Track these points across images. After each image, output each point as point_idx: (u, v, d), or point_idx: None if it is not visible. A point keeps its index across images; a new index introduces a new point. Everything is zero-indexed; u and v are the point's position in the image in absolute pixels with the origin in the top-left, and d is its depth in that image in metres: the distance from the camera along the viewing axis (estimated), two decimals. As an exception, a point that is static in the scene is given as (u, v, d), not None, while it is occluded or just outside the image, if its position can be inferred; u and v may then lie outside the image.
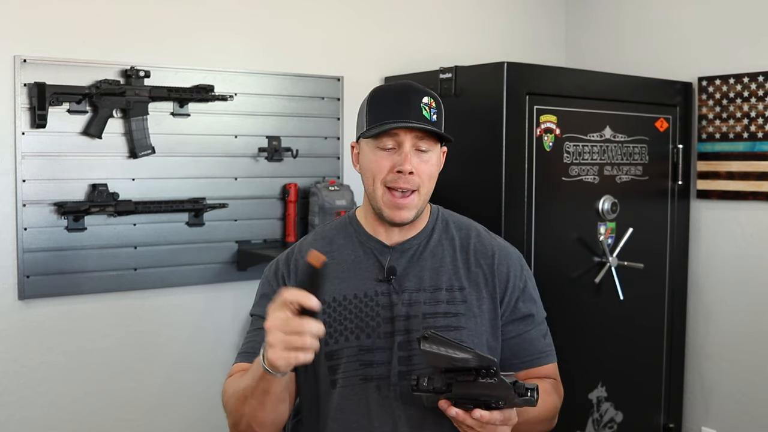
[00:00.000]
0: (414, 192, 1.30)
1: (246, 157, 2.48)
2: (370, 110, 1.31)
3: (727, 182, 2.69)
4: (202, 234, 2.42)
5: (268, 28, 2.54)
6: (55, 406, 2.24)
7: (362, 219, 1.39)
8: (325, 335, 1.26)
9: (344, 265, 1.35)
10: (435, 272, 1.34)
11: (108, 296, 2.30)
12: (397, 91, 1.33)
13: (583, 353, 2.48)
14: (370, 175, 1.31)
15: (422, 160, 1.30)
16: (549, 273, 2.35)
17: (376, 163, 1.30)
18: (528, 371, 1.37)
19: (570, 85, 2.44)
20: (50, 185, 2.18)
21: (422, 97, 1.30)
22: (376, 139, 1.29)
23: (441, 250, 1.37)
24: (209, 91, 2.37)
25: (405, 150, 1.28)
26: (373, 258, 1.35)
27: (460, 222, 1.43)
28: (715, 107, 2.72)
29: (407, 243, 1.36)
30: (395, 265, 1.33)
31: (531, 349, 1.37)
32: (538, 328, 1.39)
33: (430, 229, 1.39)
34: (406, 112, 1.28)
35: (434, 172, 1.33)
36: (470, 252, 1.38)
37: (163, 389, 2.42)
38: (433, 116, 1.30)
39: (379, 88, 1.36)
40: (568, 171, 2.43)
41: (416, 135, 1.29)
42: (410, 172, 1.28)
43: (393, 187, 1.29)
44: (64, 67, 2.17)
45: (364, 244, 1.37)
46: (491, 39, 3.03)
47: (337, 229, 1.42)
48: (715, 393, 2.79)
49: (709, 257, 2.79)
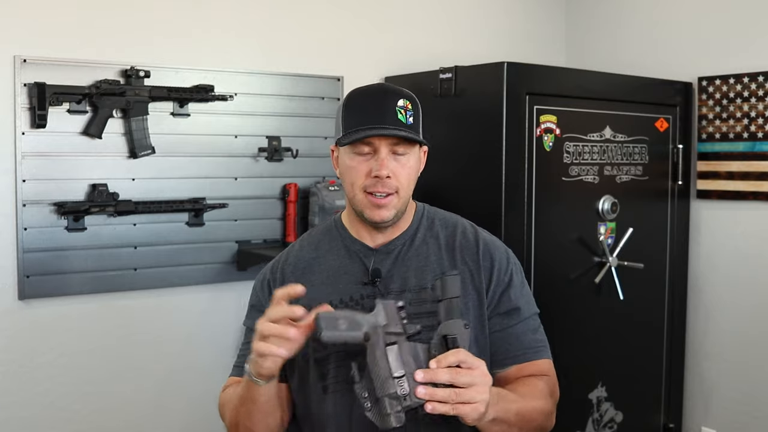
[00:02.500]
0: (393, 194, 1.31)
1: (246, 157, 2.52)
2: (346, 115, 1.32)
3: (727, 182, 2.72)
4: (202, 234, 2.44)
5: (269, 29, 2.57)
6: (54, 407, 2.27)
7: (347, 222, 1.41)
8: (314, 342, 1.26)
9: (330, 271, 1.37)
10: (420, 272, 1.34)
11: (108, 296, 2.33)
12: (372, 95, 1.33)
13: (583, 353, 2.51)
14: (348, 180, 1.33)
15: (400, 164, 1.30)
16: (549, 273, 2.38)
17: (354, 168, 1.31)
18: (519, 367, 1.35)
19: (570, 85, 2.46)
20: (50, 185, 2.21)
21: (398, 99, 1.30)
22: (353, 145, 1.30)
23: (426, 248, 1.37)
24: (209, 91, 2.40)
25: (381, 156, 1.29)
26: (358, 261, 1.36)
27: (446, 219, 1.43)
28: (715, 107, 2.75)
29: (391, 244, 1.36)
30: (380, 267, 1.34)
31: (517, 344, 1.35)
32: (526, 322, 1.37)
33: (414, 228, 1.39)
34: (381, 117, 1.28)
35: (413, 174, 1.34)
36: (456, 249, 1.37)
37: (163, 390, 2.45)
38: (410, 119, 1.30)
39: (354, 91, 1.36)
40: (568, 171, 2.46)
41: (392, 140, 1.29)
42: (387, 177, 1.29)
43: (371, 191, 1.30)
44: (64, 67, 2.19)
45: (349, 248, 1.38)
46: (491, 39, 3.06)
47: (323, 234, 1.44)
48: (715, 393, 2.82)
49: (709, 257, 2.82)
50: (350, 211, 1.39)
